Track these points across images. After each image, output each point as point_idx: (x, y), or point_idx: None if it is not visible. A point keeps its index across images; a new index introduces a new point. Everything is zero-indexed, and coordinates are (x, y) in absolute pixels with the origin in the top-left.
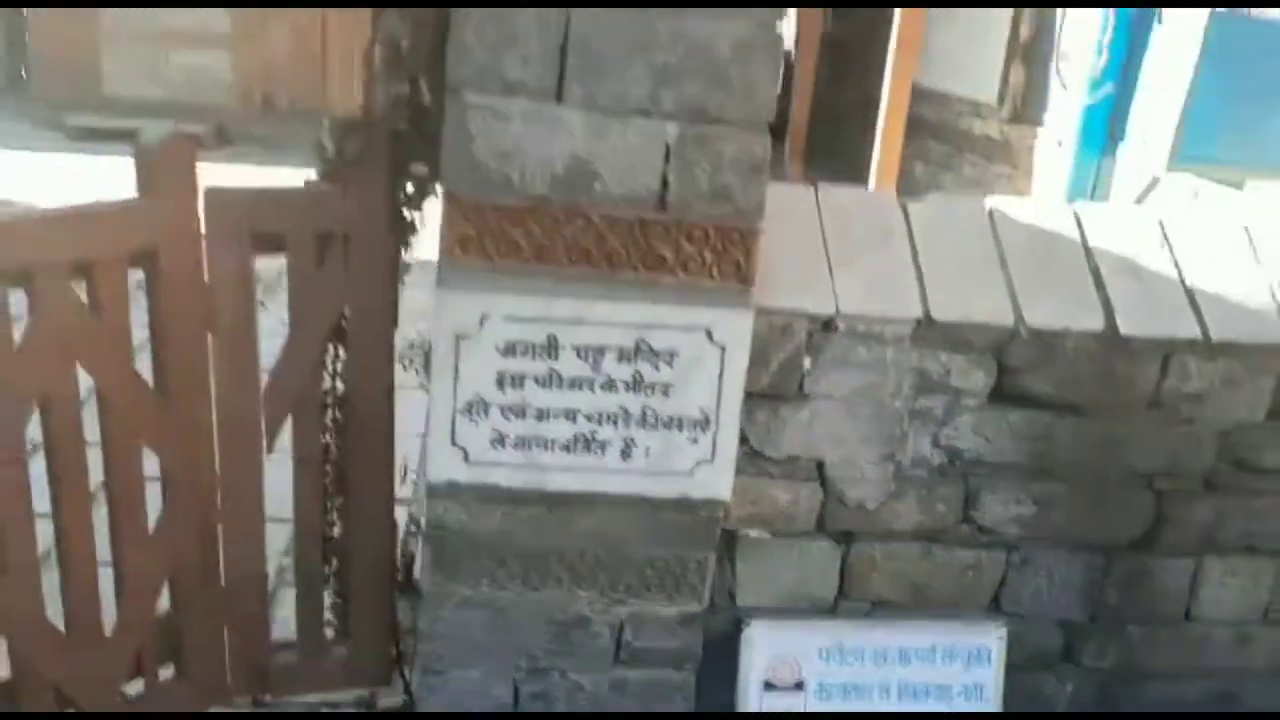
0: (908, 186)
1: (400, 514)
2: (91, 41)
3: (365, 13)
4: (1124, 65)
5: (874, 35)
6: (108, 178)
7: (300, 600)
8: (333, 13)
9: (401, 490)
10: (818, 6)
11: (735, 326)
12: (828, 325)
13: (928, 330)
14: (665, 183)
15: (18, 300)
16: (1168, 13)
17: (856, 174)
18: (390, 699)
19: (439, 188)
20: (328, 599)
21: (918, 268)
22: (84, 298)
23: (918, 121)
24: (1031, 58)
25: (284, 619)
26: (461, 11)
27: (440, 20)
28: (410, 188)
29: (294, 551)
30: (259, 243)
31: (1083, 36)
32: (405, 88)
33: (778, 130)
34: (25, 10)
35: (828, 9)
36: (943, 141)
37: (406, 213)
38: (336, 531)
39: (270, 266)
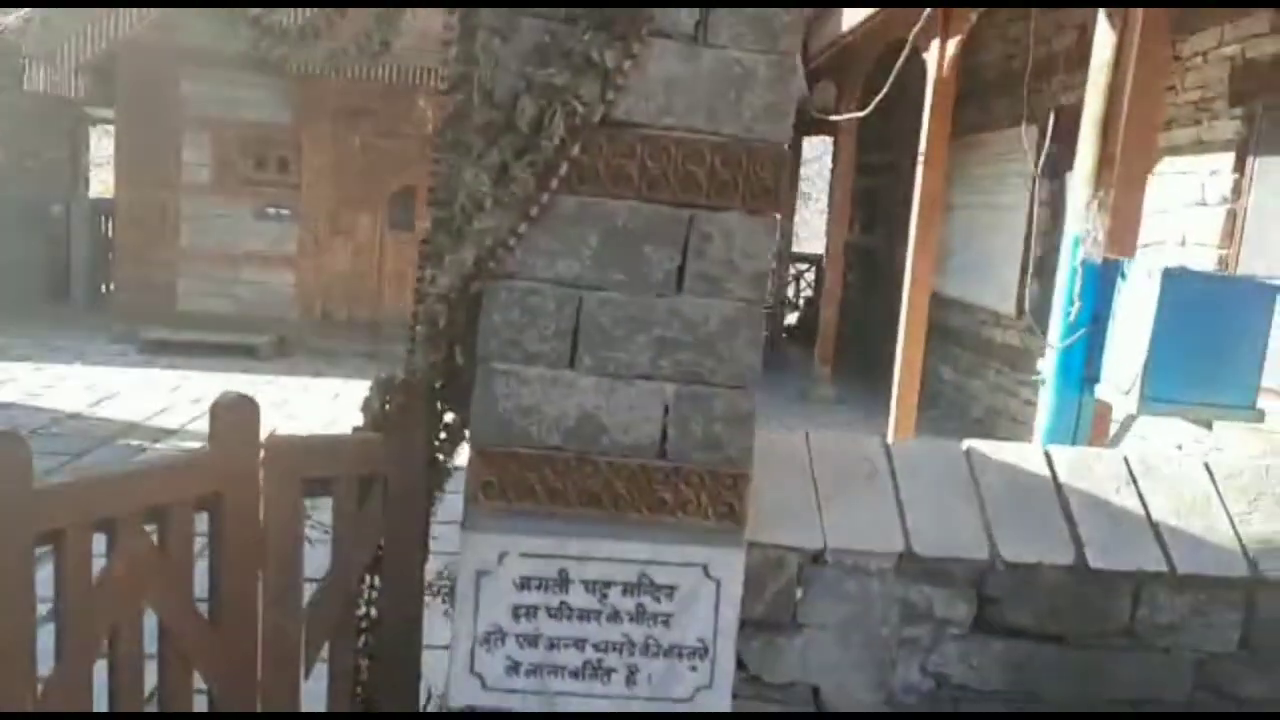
0: (935, 391)
1: None
2: (170, 262)
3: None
4: (1095, 313)
5: (893, 246)
6: (173, 387)
7: None
8: (389, 236)
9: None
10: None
11: (729, 563)
12: (817, 559)
13: (910, 563)
14: (665, 434)
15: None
16: (1130, 267)
17: (883, 377)
18: None
19: (468, 434)
20: None
21: (899, 504)
22: (155, 539)
23: (944, 328)
24: (1044, 274)
25: None
26: (490, 296)
27: (472, 301)
28: (443, 435)
29: None
30: (309, 486)
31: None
32: (442, 354)
33: (808, 335)
34: (111, 232)
35: (853, 221)
36: (968, 349)
37: (440, 457)
38: None
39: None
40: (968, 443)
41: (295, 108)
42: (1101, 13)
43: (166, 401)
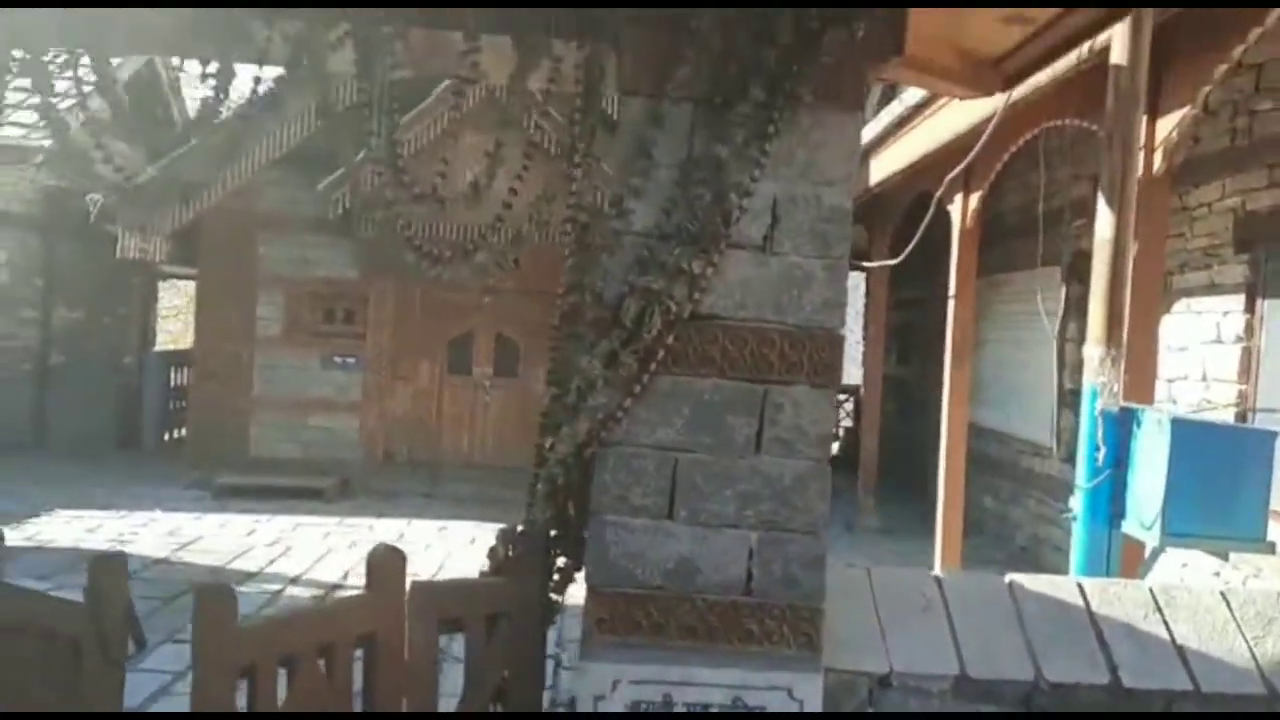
0: (978, 519)
1: None
2: (243, 410)
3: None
4: (1116, 456)
5: (927, 377)
6: (249, 531)
7: None
8: (448, 380)
9: None
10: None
11: (810, 687)
12: (884, 681)
13: (965, 685)
14: (750, 574)
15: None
16: (1144, 415)
17: (926, 504)
18: None
19: (578, 576)
20: None
21: (953, 632)
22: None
23: (982, 458)
24: (1077, 406)
25: None
26: (601, 460)
27: (585, 464)
28: (556, 578)
29: None
30: (445, 624)
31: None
32: (557, 509)
33: (850, 463)
34: (178, 382)
35: (888, 352)
36: (1007, 478)
37: (553, 597)
38: None
39: None
40: (1009, 576)
41: (361, 264)
42: (1100, 196)
43: (244, 545)
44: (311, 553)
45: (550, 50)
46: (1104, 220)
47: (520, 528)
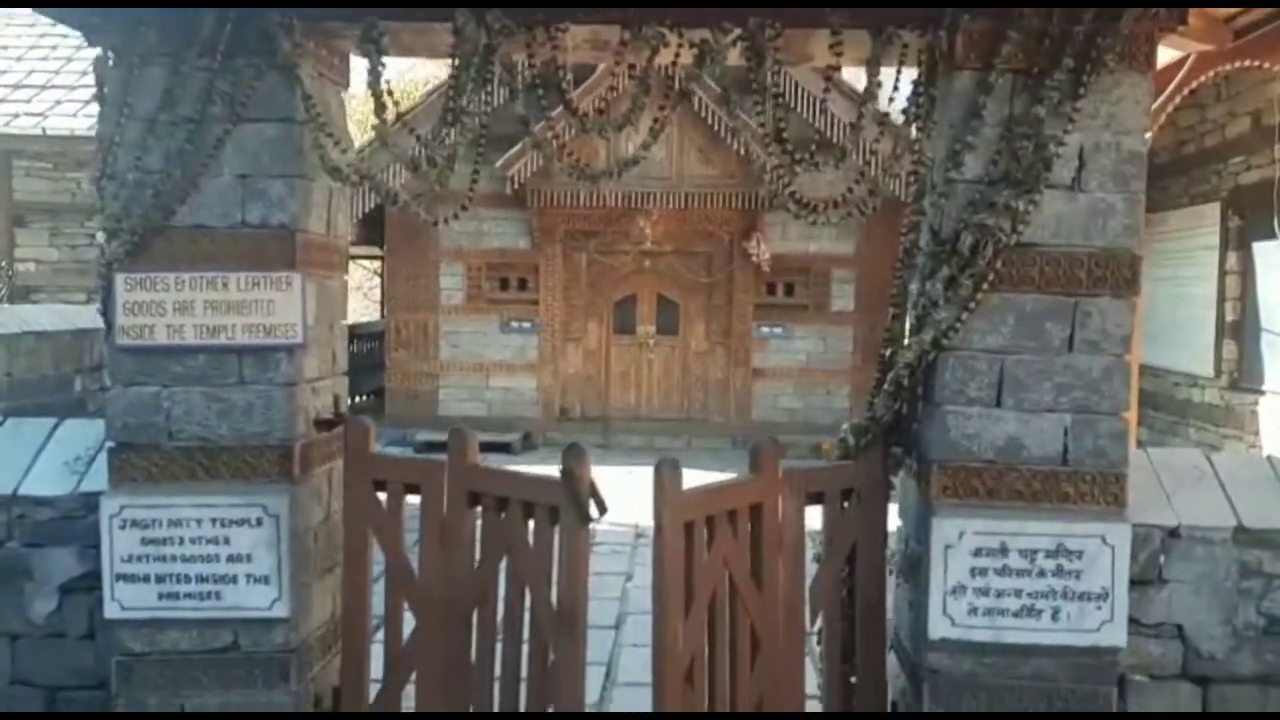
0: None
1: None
2: (432, 374)
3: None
4: None
5: None
6: None
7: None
8: (614, 340)
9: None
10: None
11: (1120, 533)
12: (1173, 533)
13: (1242, 535)
14: (1066, 449)
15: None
16: None
17: None
18: None
19: (908, 461)
20: None
21: (1227, 496)
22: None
23: (1139, 394)
24: (1240, 335)
25: None
26: (941, 363)
27: (925, 368)
28: (890, 462)
29: (823, 695)
30: (809, 497)
31: None
32: (897, 405)
33: None
34: (387, 352)
35: None
36: (1162, 410)
37: (888, 478)
38: (852, 681)
39: None
40: (1267, 453)
41: (532, 234)
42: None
43: None
44: None
45: (899, 39)
46: None
47: (864, 422)
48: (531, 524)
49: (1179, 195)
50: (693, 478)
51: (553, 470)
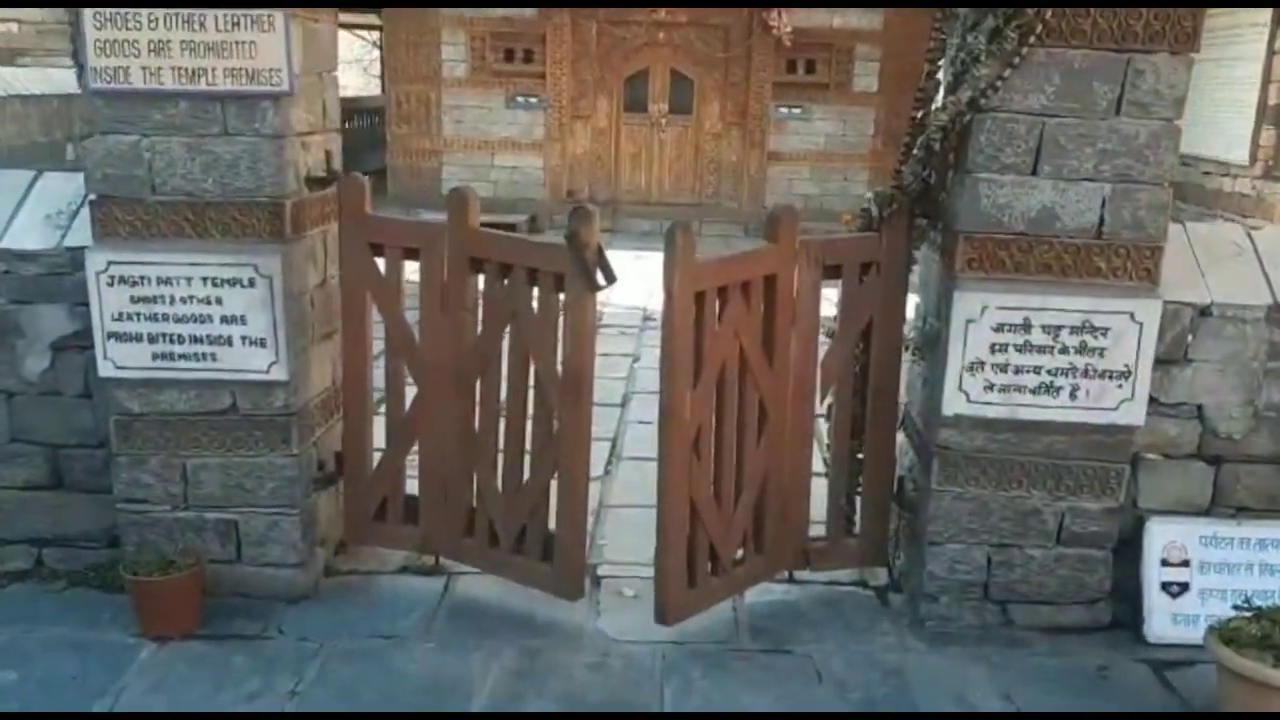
0: None
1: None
2: (435, 151)
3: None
4: None
5: None
6: None
7: (831, 503)
8: (624, 119)
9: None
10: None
11: (1150, 310)
12: (1204, 311)
13: (1276, 313)
14: (1102, 220)
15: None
16: None
17: None
18: (877, 580)
19: (933, 234)
20: (847, 505)
21: (1264, 273)
22: (744, 301)
23: None
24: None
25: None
26: (977, 125)
27: (958, 131)
28: (914, 234)
29: (830, 470)
30: (826, 270)
31: None
32: (926, 172)
33: None
34: (388, 126)
35: None
36: (1189, 201)
37: (911, 251)
38: (859, 457)
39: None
40: None
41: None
42: None
43: None
44: None
45: None
46: None
47: (890, 190)
48: (536, 291)
49: None
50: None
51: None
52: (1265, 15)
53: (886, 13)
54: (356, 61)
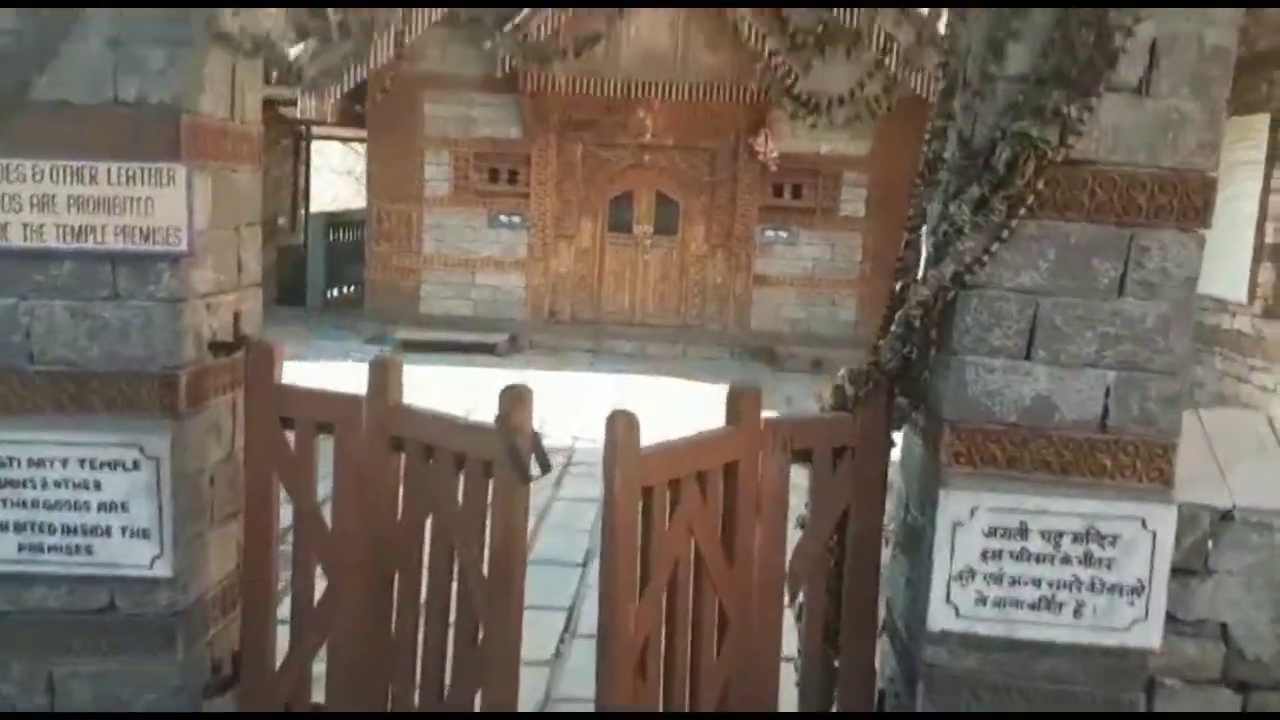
0: None
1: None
2: (414, 269)
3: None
4: None
5: None
6: (432, 384)
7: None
8: (609, 239)
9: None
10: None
11: (1164, 517)
12: (1225, 515)
13: None
14: (1106, 412)
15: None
16: None
17: None
18: None
19: (914, 415)
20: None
21: None
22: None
23: None
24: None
25: None
26: (962, 302)
27: (941, 308)
28: (895, 415)
29: (800, 682)
30: (796, 455)
31: None
32: (905, 351)
33: None
34: (368, 243)
35: None
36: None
37: (890, 434)
38: (835, 666)
39: None
40: None
41: (524, 123)
42: None
43: (437, 399)
44: None
45: None
46: None
47: (866, 367)
48: (461, 480)
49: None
50: (686, 389)
51: (535, 376)
52: (1260, 153)
53: (874, 139)
54: (349, 173)
